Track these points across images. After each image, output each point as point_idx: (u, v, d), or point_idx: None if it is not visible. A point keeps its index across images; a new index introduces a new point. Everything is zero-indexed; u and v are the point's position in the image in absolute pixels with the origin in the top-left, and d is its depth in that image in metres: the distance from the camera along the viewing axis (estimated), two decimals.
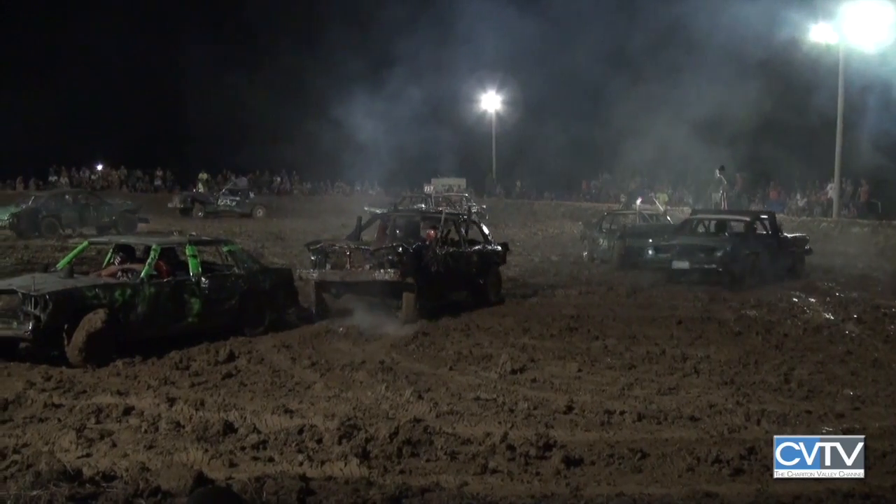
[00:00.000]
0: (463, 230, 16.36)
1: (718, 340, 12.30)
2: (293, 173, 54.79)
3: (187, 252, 12.23)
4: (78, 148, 52.58)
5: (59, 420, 8.06)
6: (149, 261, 11.61)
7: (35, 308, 10.22)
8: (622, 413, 8.26)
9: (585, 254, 24.50)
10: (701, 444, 7.30)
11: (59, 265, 12.22)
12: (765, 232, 20.00)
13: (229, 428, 7.66)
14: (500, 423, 7.99)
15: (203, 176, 49.18)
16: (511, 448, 7.06)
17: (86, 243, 13.41)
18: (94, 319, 10.49)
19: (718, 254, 18.43)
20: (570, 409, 8.45)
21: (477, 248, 16.31)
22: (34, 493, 5.43)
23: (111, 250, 12.59)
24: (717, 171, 32.19)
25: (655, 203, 30.93)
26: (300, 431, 7.49)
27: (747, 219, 20.58)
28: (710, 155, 30.19)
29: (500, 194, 52.05)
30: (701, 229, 20.80)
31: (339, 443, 7.17)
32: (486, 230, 17.59)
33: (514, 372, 10.13)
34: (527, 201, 49.02)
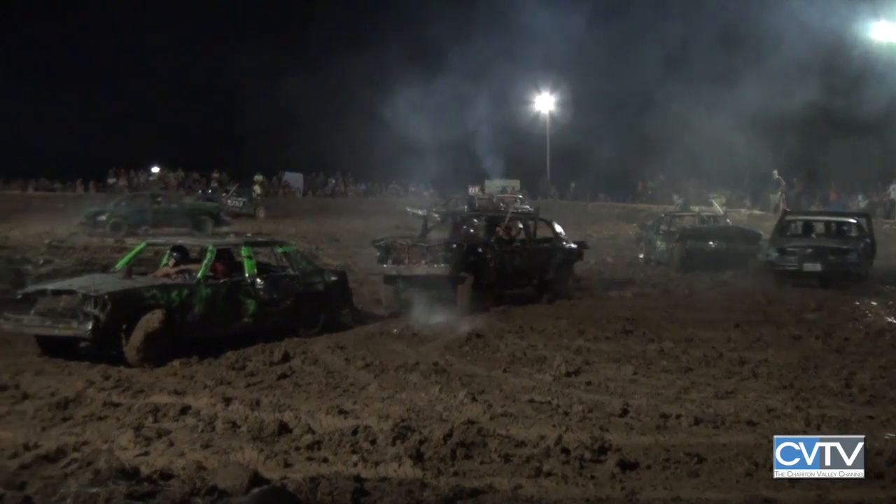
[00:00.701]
0: (531, 228, 17.00)
1: (777, 344, 12.11)
2: (347, 175, 55.07)
3: (243, 253, 12.34)
4: (135, 151, 53.30)
5: (118, 419, 8.16)
6: (205, 262, 11.72)
7: (94, 308, 10.35)
8: (678, 417, 8.16)
9: (641, 256, 24.36)
10: (759, 449, 7.17)
11: (118, 266, 12.38)
12: (867, 232, 20.11)
13: (284, 428, 7.69)
14: (554, 425, 7.93)
15: (258, 177, 49.56)
16: (565, 451, 7.00)
17: (143, 244, 13.57)
18: (152, 320, 10.61)
19: (852, 256, 18.63)
20: (625, 412, 8.36)
21: (545, 245, 16.85)
22: (93, 490, 5.48)
23: (168, 251, 12.74)
24: (775, 173, 31.84)
25: (714, 205, 30.62)
26: (354, 432, 7.50)
27: (857, 220, 20.70)
28: (767, 156, 29.81)
29: (554, 195, 51.86)
30: (797, 230, 20.83)
31: (393, 444, 7.17)
32: (558, 228, 18.17)
33: (568, 374, 10.05)
34: (581, 202, 48.81)
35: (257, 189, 46.86)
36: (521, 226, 17.26)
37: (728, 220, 25.78)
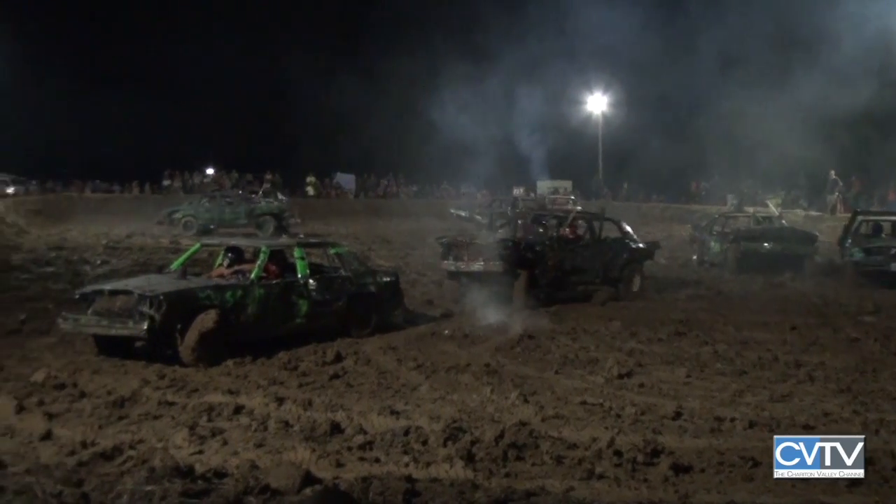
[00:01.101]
0: (597, 227, 17.53)
1: (834, 347, 11.91)
2: (399, 176, 55.20)
3: (296, 254, 12.42)
4: (189, 153, 53.93)
5: (173, 417, 8.26)
6: (258, 262, 11.82)
7: (150, 308, 10.49)
8: (733, 420, 8.06)
9: (695, 257, 24.13)
10: None
11: (173, 266, 12.53)
12: None
13: (336, 428, 7.73)
14: (606, 427, 7.87)
15: (311, 179, 49.85)
16: (618, 453, 6.94)
17: (198, 245, 13.71)
18: (206, 320, 10.72)
19: None
20: (678, 414, 8.28)
21: (610, 244, 17.47)
22: (148, 488, 5.55)
23: (222, 252, 12.86)
24: (832, 173, 31.37)
25: (769, 205, 30.25)
26: (406, 433, 7.51)
27: None
28: (823, 156, 29.36)
29: (607, 196, 51.51)
30: (869, 230, 20.94)
31: (445, 445, 7.17)
32: (627, 228, 18.40)
33: (621, 376, 9.98)
34: (634, 203, 48.44)
35: (310, 190, 47.14)
36: (585, 225, 17.78)
37: (783, 221, 25.46)
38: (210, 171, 54.51)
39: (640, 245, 18.13)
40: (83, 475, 5.97)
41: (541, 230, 17.93)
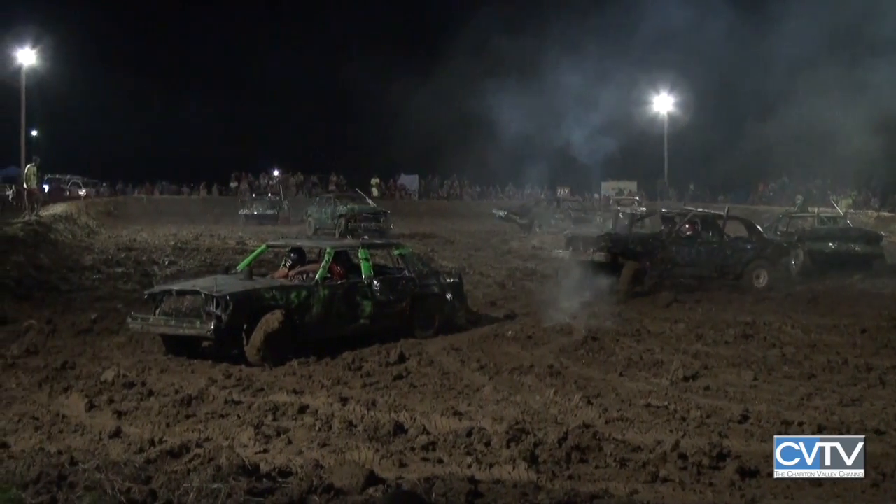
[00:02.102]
0: (720, 225, 18.84)
1: None
2: (463, 177, 55.26)
3: (360, 255, 12.48)
4: (255, 155, 54.59)
5: (239, 416, 8.35)
6: (323, 263, 11.90)
7: (217, 308, 10.62)
8: (801, 424, 7.91)
9: None
10: (887, 458, 6.91)
11: (239, 267, 12.65)
12: None
13: (399, 428, 7.75)
14: (671, 430, 7.79)
15: (375, 180, 50.14)
16: (683, 457, 6.87)
17: (264, 246, 13.85)
18: (272, 320, 10.81)
19: None
20: (745, 418, 8.15)
21: (732, 242, 18.68)
22: (215, 486, 5.61)
23: (287, 253, 12.97)
24: None
25: (834, 205, 29.71)
26: (469, 434, 7.51)
27: None
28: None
29: (672, 197, 51.00)
30: None
31: (508, 446, 7.16)
32: (757, 227, 19.73)
33: (686, 379, 9.87)
34: (700, 204, 47.86)
35: (374, 191, 47.40)
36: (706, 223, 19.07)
37: (848, 221, 25.02)
38: (276, 172, 55.10)
39: (771, 243, 19.16)
40: (151, 472, 6.05)
41: (661, 227, 19.61)
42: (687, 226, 18.53)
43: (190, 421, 8.24)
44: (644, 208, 37.26)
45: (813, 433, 7.62)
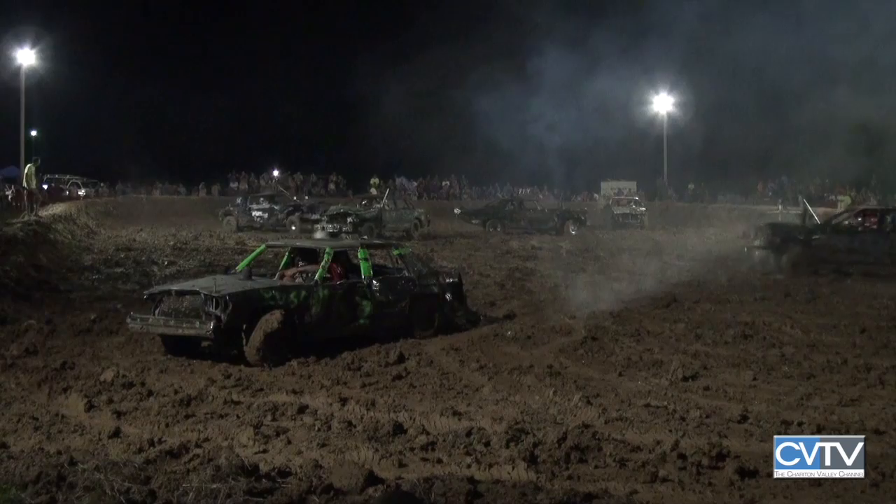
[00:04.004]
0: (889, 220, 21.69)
1: None
2: (462, 177, 55.31)
3: (359, 255, 12.48)
4: (254, 155, 54.60)
5: (238, 416, 8.35)
6: (322, 263, 11.90)
7: (216, 308, 10.62)
8: (800, 424, 7.91)
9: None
10: (886, 459, 6.91)
11: (239, 267, 12.65)
12: None
13: (399, 428, 7.75)
14: (671, 430, 7.79)
15: (375, 180, 50.16)
16: (682, 457, 6.87)
17: (263, 246, 13.85)
18: (271, 320, 10.80)
19: None
20: (744, 418, 8.16)
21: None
22: (214, 485, 5.61)
23: (287, 253, 12.98)
24: None
25: (804, 205, 30.32)
26: (468, 434, 7.51)
27: None
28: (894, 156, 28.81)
29: (672, 197, 51.04)
30: None
31: (507, 446, 7.16)
32: None
33: (685, 379, 9.86)
34: (700, 204, 47.90)
35: (373, 191, 47.42)
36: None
37: (816, 220, 25.91)
38: (276, 172, 55.11)
39: None
40: (150, 472, 6.06)
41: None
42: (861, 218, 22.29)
43: (189, 421, 8.24)
44: (644, 208, 37.66)
45: (812, 433, 7.61)
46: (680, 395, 9.21)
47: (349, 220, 31.07)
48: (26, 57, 42.41)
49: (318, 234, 27.48)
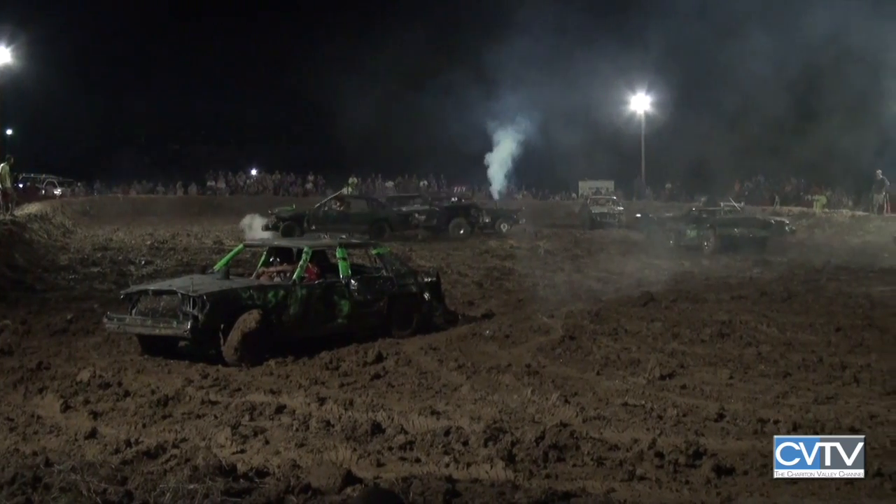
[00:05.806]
0: None
1: (880, 349, 11.68)
2: (441, 177, 55.32)
3: (337, 255, 12.47)
4: (231, 154, 54.46)
5: (215, 417, 8.33)
6: (300, 263, 11.89)
7: (193, 308, 10.58)
8: (776, 422, 7.96)
9: (671, 242, 28.06)
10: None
11: (216, 267, 12.61)
12: None
13: (377, 428, 7.75)
14: (648, 429, 7.83)
15: (353, 180, 50.02)
16: (660, 455, 6.90)
17: (241, 246, 13.83)
18: (249, 320, 10.78)
19: None
20: (721, 416, 8.20)
21: None
22: (191, 486, 5.59)
23: (265, 252, 12.95)
24: (879, 173, 31.01)
25: (731, 202, 33.10)
26: (447, 433, 7.52)
27: None
28: (870, 155, 29.12)
29: (649, 196, 51.15)
30: None
31: (485, 445, 7.17)
32: None
33: (662, 378, 9.91)
34: (677, 203, 48.03)
35: (348, 190, 47.32)
36: None
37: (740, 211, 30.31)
38: (253, 171, 54.93)
39: None
40: (127, 473, 6.03)
41: None
42: None
43: (166, 421, 8.21)
44: (621, 207, 37.95)
45: (788, 432, 7.67)
46: (657, 393, 9.24)
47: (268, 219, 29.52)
48: (1, 55, 42.05)
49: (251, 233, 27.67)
